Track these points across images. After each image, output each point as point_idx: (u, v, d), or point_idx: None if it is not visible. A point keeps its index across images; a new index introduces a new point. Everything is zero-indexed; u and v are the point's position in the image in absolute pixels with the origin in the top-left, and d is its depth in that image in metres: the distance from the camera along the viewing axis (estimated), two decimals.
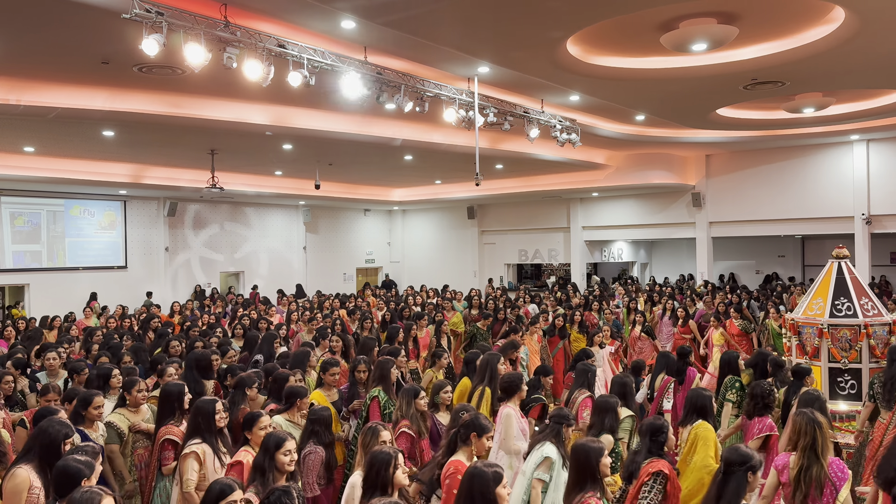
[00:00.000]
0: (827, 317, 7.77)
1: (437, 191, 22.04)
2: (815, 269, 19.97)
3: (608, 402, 5.55)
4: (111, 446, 5.58)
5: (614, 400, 5.62)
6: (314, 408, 5.70)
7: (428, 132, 13.35)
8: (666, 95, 11.58)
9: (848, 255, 8.35)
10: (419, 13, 7.49)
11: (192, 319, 13.28)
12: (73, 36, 7.80)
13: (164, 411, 5.50)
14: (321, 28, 7.92)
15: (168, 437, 5.35)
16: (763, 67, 9.91)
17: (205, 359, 7.25)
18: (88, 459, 3.75)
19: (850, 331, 7.67)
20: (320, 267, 23.38)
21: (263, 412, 5.13)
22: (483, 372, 6.69)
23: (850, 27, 8.33)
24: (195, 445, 4.88)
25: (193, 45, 6.93)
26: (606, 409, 5.47)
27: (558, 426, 5.05)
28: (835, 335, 7.70)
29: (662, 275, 23.80)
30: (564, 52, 9.09)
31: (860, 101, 12.86)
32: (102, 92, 10.06)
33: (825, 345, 7.72)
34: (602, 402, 5.56)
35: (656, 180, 17.90)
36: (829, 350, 7.71)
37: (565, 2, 7.34)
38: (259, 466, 4.25)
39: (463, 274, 23.70)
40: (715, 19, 8.17)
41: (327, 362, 6.88)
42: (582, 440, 4.30)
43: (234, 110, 11.09)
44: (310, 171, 17.04)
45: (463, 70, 9.77)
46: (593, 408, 5.66)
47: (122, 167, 15.76)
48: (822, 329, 7.73)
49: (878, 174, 16.12)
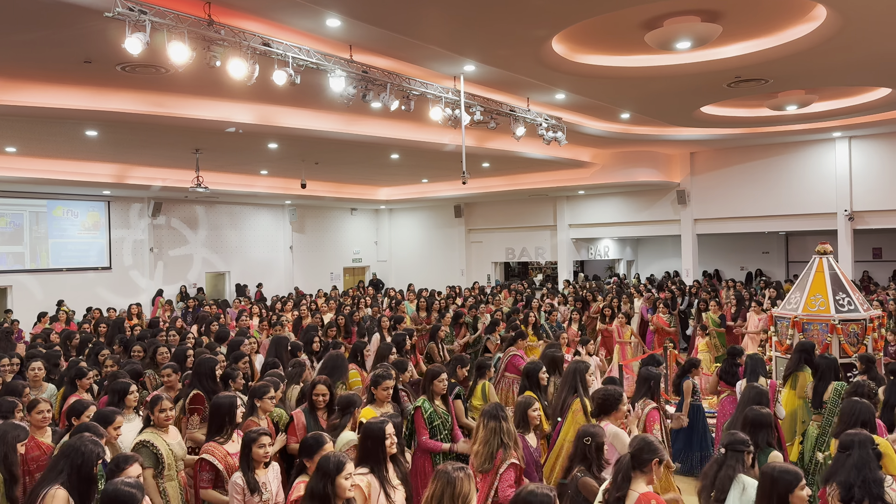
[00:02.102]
0: (833, 312, 7.83)
1: (423, 189, 22.03)
2: (799, 265, 20.14)
3: (764, 417, 4.77)
4: (145, 471, 4.78)
5: (768, 414, 4.83)
6: (368, 423, 4.88)
7: (414, 131, 13.34)
8: (650, 93, 11.64)
9: (831, 251, 8.45)
10: (404, 11, 7.48)
11: (152, 323, 12.71)
12: (54, 35, 7.71)
13: (212, 426, 4.99)
14: (306, 26, 7.89)
15: (205, 456, 4.78)
16: (746, 65, 9.98)
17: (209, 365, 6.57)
18: (139, 483, 3.53)
19: (858, 325, 7.78)
20: (307, 266, 23.31)
21: (327, 438, 4.38)
22: (570, 382, 5.92)
23: (831, 25, 8.41)
24: (363, 476, 4.03)
25: (177, 44, 6.88)
26: (762, 425, 4.74)
27: (740, 453, 4.12)
28: (845, 330, 7.78)
29: (648, 272, 23.95)
30: (550, 50, 9.12)
31: (842, 99, 12.99)
32: (85, 91, 9.97)
33: (836, 340, 7.77)
34: (757, 418, 4.78)
35: (641, 178, 18.00)
36: (840, 345, 7.77)
37: (550, 0, 7.36)
38: (318, 494, 3.65)
39: (450, 272, 23.72)
40: (698, 17, 8.23)
41: (380, 375, 5.81)
42: (771, 466, 3.71)
43: (219, 109, 11.03)
44: (296, 171, 16.99)
45: (449, 68, 9.77)
46: (745, 423, 4.80)
47: (106, 167, 15.62)
48: (833, 324, 7.77)
49: (860, 171, 16.29)
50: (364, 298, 15.79)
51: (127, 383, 5.90)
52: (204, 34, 7.13)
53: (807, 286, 8.26)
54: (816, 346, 7.48)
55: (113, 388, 5.90)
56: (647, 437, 3.96)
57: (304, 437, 4.44)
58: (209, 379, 6.38)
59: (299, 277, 22.54)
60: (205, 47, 7.19)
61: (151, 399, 5.15)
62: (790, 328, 8.15)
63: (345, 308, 14.20)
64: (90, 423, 4.63)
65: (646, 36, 8.60)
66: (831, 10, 8.01)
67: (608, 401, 5.11)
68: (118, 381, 6.01)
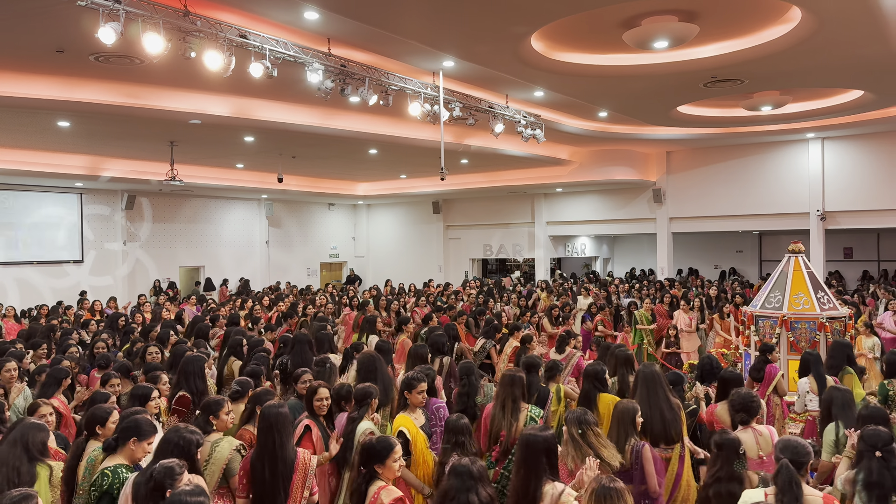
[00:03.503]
0: (818, 310, 7.92)
1: (402, 185, 21.98)
2: (772, 263, 20.43)
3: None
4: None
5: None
6: (450, 417, 4.94)
7: (393, 126, 13.29)
8: (628, 92, 11.72)
9: (803, 250, 8.57)
10: (382, 5, 7.44)
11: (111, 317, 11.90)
12: (26, 23, 7.56)
13: None
14: (284, 19, 7.81)
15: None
16: (722, 65, 10.08)
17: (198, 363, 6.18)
18: (202, 489, 3.36)
19: (840, 323, 7.92)
20: (283, 261, 23.15)
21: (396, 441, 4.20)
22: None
23: (806, 27, 8.52)
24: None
25: (152, 35, 6.78)
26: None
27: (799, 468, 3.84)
28: (831, 327, 7.88)
29: (624, 269, 24.17)
30: (529, 47, 9.13)
31: (816, 100, 13.18)
32: (57, 81, 9.79)
33: (823, 337, 7.87)
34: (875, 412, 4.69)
35: (618, 176, 18.12)
36: (826, 342, 7.86)
37: None
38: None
39: (428, 268, 23.71)
40: (676, 17, 8.29)
41: (414, 378, 5.35)
42: None
43: (195, 101, 10.89)
44: (272, 164, 16.85)
45: (428, 64, 9.75)
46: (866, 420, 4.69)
47: (79, 159, 15.35)
48: (822, 322, 7.87)
49: (832, 172, 16.55)
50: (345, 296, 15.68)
51: (149, 387, 5.45)
52: (180, 25, 7.04)
53: (787, 285, 8.32)
54: (803, 343, 7.64)
55: (134, 394, 5.47)
56: (796, 440, 3.94)
57: (368, 443, 4.18)
58: (198, 378, 6.04)
59: (275, 272, 22.38)
60: (180, 38, 7.09)
61: (215, 402, 4.71)
62: (778, 327, 8.21)
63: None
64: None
65: (624, 35, 8.65)
66: (806, 13, 8.12)
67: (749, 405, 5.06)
68: (139, 385, 5.64)
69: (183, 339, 9.27)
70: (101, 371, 7.22)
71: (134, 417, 4.26)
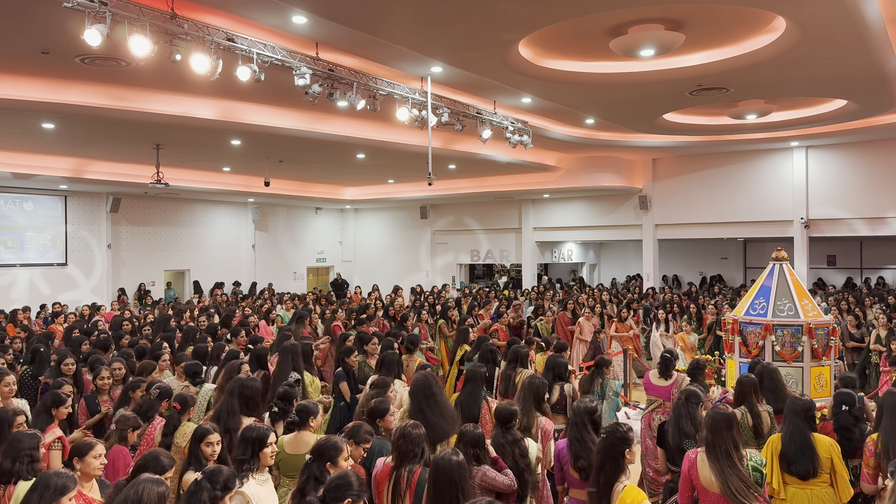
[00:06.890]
0: (801, 317, 7.96)
1: (389, 190, 21.97)
2: (756, 270, 20.60)
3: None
4: None
5: None
6: (465, 428, 4.55)
7: (380, 131, 13.29)
8: (615, 100, 11.79)
9: (787, 257, 8.62)
10: (371, 10, 7.45)
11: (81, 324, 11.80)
12: (10, 24, 7.50)
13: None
14: (272, 23, 7.80)
15: None
16: (708, 74, 10.17)
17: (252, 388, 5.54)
18: None
19: (825, 329, 7.97)
20: (270, 265, 23.05)
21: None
22: None
23: (790, 37, 8.61)
24: None
25: (138, 37, 6.75)
26: None
27: None
28: (817, 334, 7.91)
29: (610, 275, 24.26)
30: (516, 54, 9.17)
31: (800, 109, 13.31)
32: (42, 83, 9.71)
33: (808, 344, 7.89)
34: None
35: (605, 183, 18.22)
36: (812, 349, 7.86)
37: (517, 4, 7.40)
38: None
39: (415, 274, 23.70)
40: (662, 26, 8.36)
41: None
42: None
43: (181, 104, 10.84)
44: (259, 168, 16.79)
45: (416, 69, 9.76)
46: None
47: (63, 161, 15.22)
48: (811, 327, 7.89)
49: (816, 180, 16.72)
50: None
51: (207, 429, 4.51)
52: (166, 27, 7.01)
53: (791, 292, 8.28)
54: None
55: (142, 405, 5.33)
56: None
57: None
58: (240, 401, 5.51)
59: (262, 276, 22.28)
60: (167, 41, 7.06)
61: (261, 434, 4.26)
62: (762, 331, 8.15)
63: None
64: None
65: (611, 43, 8.71)
66: (790, 23, 8.21)
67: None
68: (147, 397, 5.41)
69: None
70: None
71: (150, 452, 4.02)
